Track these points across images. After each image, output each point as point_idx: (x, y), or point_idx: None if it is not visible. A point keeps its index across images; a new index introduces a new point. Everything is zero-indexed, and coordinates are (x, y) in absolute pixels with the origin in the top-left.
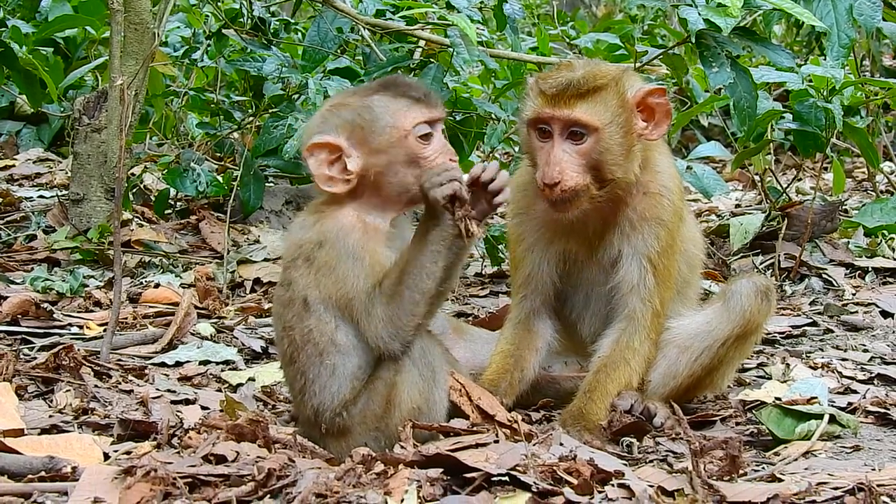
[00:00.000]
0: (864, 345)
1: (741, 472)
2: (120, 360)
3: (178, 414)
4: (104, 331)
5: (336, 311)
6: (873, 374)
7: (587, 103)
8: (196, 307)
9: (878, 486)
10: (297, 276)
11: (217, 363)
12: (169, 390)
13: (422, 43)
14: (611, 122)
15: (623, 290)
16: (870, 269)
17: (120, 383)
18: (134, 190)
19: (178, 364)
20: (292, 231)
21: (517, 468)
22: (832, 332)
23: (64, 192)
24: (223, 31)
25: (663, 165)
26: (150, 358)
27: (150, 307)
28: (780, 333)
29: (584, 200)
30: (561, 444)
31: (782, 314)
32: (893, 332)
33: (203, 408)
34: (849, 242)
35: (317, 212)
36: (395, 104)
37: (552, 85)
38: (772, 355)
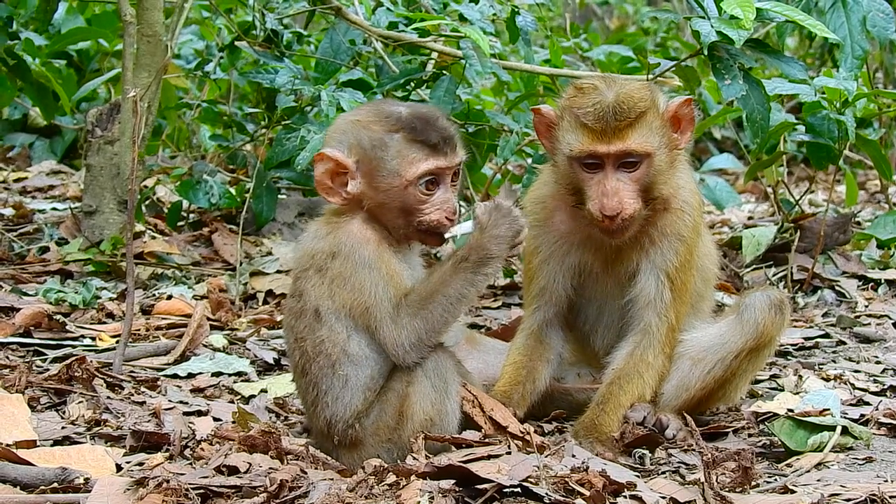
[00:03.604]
0: (877, 356)
1: (753, 483)
2: (132, 371)
3: (191, 425)
4: (117, 342)
5: (349, 322)
6: (886, 386)
7: (637, 132)
8: (208, 319)
9: (891, 497)
10: (309, 286)
11: (229, 375)
12: (181, 402)
13: (434, 55)
14: (659, 145)
15: (639, 304)
16: (882, 281)
17: (132, 395)
18: (147, 202)
19: (191, 375)
20: (304, 241)
21: (529, 480)
22: (845, 343)
23: (77, 204)
24: (236, 43)
25: (684, 180)
26: (162, 369)
27: (163, 319)
28: (792, 345)
29: (637, 222)
30: (573, 456)
31: (795, 326)
32: None
33: (215, 419)
34: (861, 254)
35: (329, 222)
36: (407, 150)
37: (596, 118)
38: (784, 367)
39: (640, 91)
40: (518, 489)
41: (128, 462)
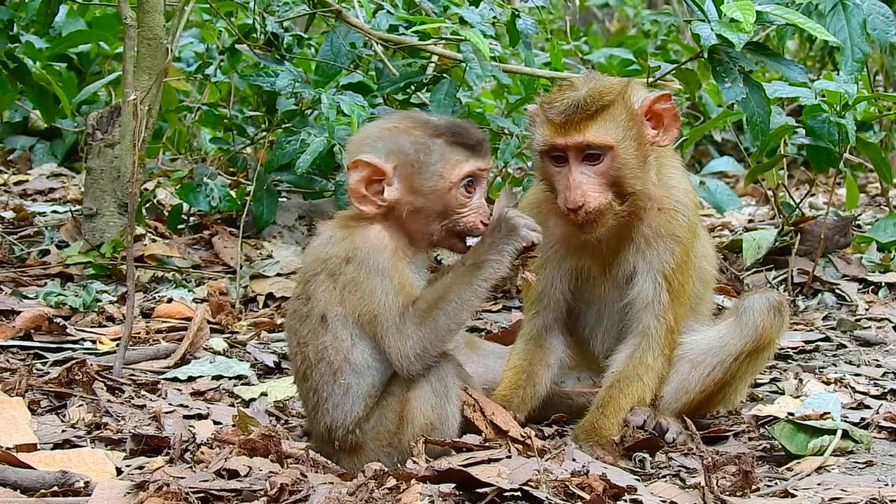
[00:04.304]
0: (878, 360)
1: (754, 487)
2: (133, 374)
3: (191, 429)
4: (117, 345)
5: (356, 329)
6: (886, 390)
7: (597, 124)
8: (209, 322)
9: (891, 501)
10: (319, 291)
11: (230, 378)
12: (181, 405)
13: (435, 58)
14: (623, 138)
15: (637, 307)
16: (883, 284)
17: (133, 398)
18: (147, 205)
19: (191, 379)
20: (317, 245)
21: (529, 483)
22: (845, 347)
23: (77, 207)
24: (236, 46)
25: (677, 180)
26: (162, 373)
27: (163, 322)
28: (793, 348)
29: (609, 217)
30: (573, 460)
31: (795, 329)
32: None
33: (215, 422)
34: (862, 257)
35: (345, 227)
36: (450, 152)
37: (559, 111)
38: (785, 370)
39: (609, 86)
40: (518, 493)
41: (128, 466)
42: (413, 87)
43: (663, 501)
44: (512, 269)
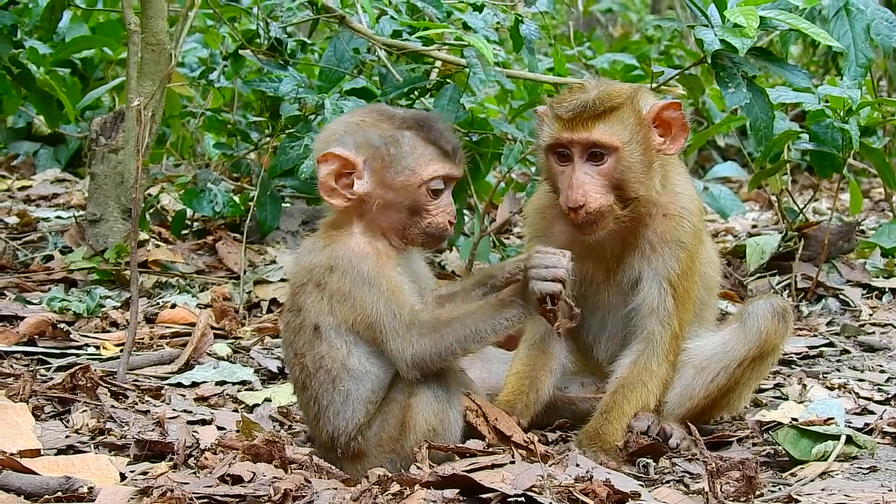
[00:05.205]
0: (881, 365)
1: (758, 493)
2: (136, 380)
3: (195, 434)
4: (121, 351)
5: (349, 336)
6: (890, 395)
7: (605, 124)
8: (212, 327)
9: None
10: (309, 302)
11: (233, 383)
12: (185, 411)
13: (438, 63)
14: (630, 141)
15: (642, 313)
16: (887, 289)
17: (136, 403)
18: (151, 210)
19: (195, 384)
20: (301, 255)
21: (533, 489)
22: (849, 352)
23: (81, 212)
24: (240, 51)
25: (682, 187)
26: (166, 378)
27: (167, 327)
28: (796, 354)
29: (610, 221)
30: (577, 465)
31: (799, 335)
32: None
33: (219, 428)
34: (866, 263)
35: (326, 235)
36: (423, 149)
37: (568, 108)
38: (788, 376)
39: (620, 89)
40: (522, 498)
41: (132, 471)
42: (417, 93)
43: None
44: (544, 315)
